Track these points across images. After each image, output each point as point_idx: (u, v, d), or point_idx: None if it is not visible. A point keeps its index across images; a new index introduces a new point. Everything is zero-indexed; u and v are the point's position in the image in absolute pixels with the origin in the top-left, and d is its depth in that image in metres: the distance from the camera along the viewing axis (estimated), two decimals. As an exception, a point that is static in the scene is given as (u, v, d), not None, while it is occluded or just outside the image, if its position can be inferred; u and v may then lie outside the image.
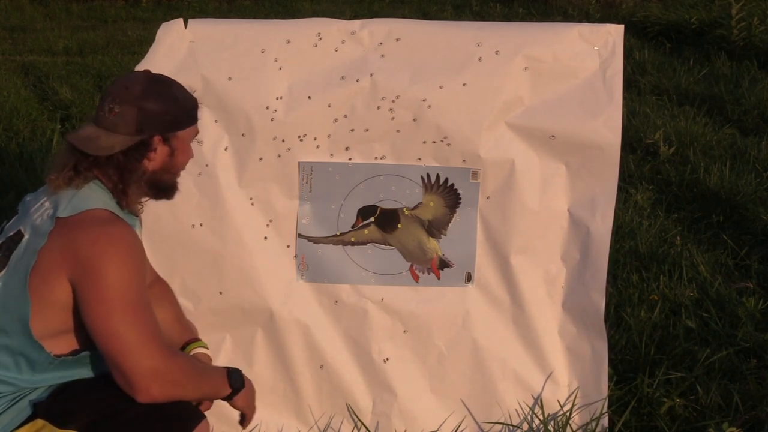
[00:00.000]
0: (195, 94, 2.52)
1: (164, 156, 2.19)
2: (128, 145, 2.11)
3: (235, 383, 2.23)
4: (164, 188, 2.24)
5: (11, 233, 2.15)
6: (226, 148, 2.61)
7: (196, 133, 2.28)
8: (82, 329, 2.06)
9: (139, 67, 2.52)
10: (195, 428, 2.08)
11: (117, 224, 2.09)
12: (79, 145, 2.10)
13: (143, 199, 2.27)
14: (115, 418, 2.04)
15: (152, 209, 2.52)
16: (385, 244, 2.72)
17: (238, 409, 2.31)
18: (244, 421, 2.37)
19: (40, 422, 2.07)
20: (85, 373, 2.16)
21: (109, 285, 2.00)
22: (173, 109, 2.16)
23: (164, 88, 2.16)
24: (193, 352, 2.42)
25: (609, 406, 2.78)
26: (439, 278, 2.73)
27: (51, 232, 2.05)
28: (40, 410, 2.09)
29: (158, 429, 2.04)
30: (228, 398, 2.25)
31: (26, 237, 2.10)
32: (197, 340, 2.46)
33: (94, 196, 2.11)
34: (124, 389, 2.02)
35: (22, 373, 2.10)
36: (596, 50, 2.59)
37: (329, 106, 2.57)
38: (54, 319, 2.07)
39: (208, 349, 2.44)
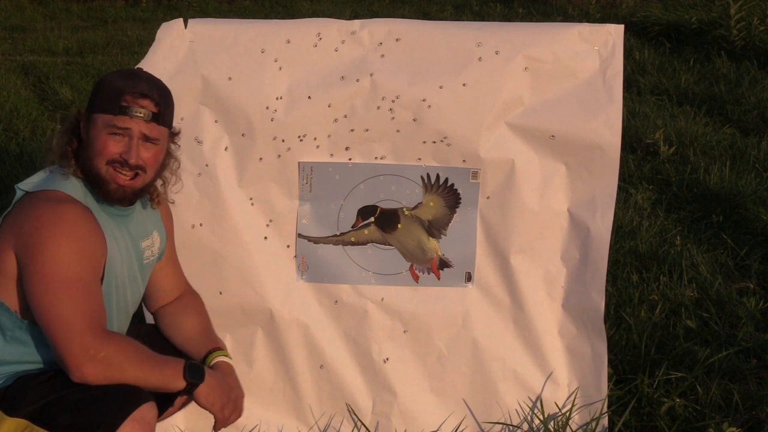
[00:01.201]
0: (195, 94, 2.53)
1: (85, 134, 2.18)
2: (75, 116, 2.20)
3: (191, 377, 2.17)
4: (92, 176, 2.16)
5: None
6: (226, 148, 2.61)
7: (114, 127, 2.13)
8: None
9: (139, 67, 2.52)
10: (135, 411, 2.01)
11: (65, 204, 2.10)
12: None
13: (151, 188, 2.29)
14: (58, 403, 2.04)
15: (152, 209, 2.51)
16: (385, 244, 2.72)
17: (200, 406, 2.24)
18: (215, 423, 2.28)
19: None
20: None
21: (45, 261, 2.03)
22: (97, 90, 2.17)
23: (114, 74, 2.21)
24: (214, 361, 2.36)
25: (609, 406, 2.78)
26: (439, 278, 2.73)
27: (15, 202, 2.13)
28: None
29: (95, 411, 2.01)
30: (187, 393, 2.19)
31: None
32: (220, 349, 2.40)
33: (61, 180, 2.14)
34: (62, 368, 2.03)
35: None
36: (596, 50, 2.59)
37: (329, 106, 2.57)
38: (12, 289, 2.09)
39: (230, 358, 2.40)
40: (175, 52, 2.55)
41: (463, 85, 2.56)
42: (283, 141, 2.60)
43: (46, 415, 2.03)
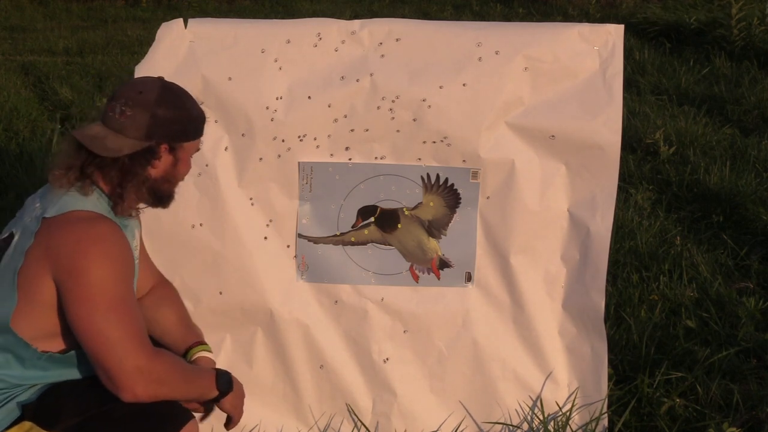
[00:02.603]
0: (195, 94, 2.52)
1: (167, 165, 2.18)
2: (136, 149, 2.10)
3: (223, 386, 2.23)
4: (162, 197, 2.23)
5: (4, 236, 2.16)
6: (226, 148, 2.61)
7: (198, 147, 2.28)
8: (70, 329, 2.05)
9: (139, 67, 2.52)
10: (182, 428, 2.07)
11: (100, 223, 2.07)
12: (86, 143, 2.09)
13: (140, 206, 2.25)
14: (101, 419, 2.04)
15: (152, 210, 2.51)
16: (385, 244, 2.72)
17: (224, 411, 2.29)
18: (229, 423, 2.34)
19: (27, 424, 2.08)
20: (75, 371, 2.15)
21: (90, 284, 2.00)
22: (184, 120, 2.16)
23: (177, 97, 2.17)
24: (195, 356, 2.37)
25: (609, 406, 2.78)
26: (439, 278, 2.73)
27: (37, 233, 2.06)
28: (27, 412, 2.09)
29: (145, 429, 2.03)
30: (215, 400, 2.24)
31: (16, 238, 2.11)
32: (201, 343, 2.42)
33: (84, 198, 2.10)
34: (109, 389, 2.02)
35: (12, 369, 2.10)
36: (596, 50, 2.59)
37: (329, 106, 2.57)
38: (43, 319, 2.06)
39: (211, 352, 2.42)
40: (175, 52, 2.55)
41: (463, 85, 2.56)
42: (283, 141, 2.60)
43: (88, 430, 2.03)
